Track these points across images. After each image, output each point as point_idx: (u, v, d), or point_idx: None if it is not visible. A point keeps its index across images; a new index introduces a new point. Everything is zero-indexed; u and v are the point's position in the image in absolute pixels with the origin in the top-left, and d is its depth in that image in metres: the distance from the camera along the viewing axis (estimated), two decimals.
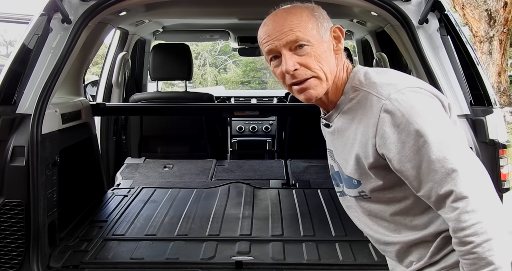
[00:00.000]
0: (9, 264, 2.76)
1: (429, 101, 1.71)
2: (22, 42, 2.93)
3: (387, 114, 1.67)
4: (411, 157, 1.65)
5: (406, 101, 1.66)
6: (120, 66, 5.16)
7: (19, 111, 2.83)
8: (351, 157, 1.82)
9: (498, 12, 14.53)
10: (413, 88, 1.71)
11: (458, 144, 1.65)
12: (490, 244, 1.54)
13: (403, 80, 1.76)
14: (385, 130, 1.68)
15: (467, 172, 1.60)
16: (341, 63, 1.87)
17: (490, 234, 1.54)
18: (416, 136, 1.63)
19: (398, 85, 1.72)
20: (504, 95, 14.81)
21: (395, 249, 1.87)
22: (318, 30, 1.80)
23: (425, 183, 1.64)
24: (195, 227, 3.47)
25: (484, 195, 1.59)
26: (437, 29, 2.96)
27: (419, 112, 1.65)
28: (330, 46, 1.83)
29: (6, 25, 17.62)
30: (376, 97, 1.72)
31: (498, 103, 2.91)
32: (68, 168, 3.55)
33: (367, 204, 1.88)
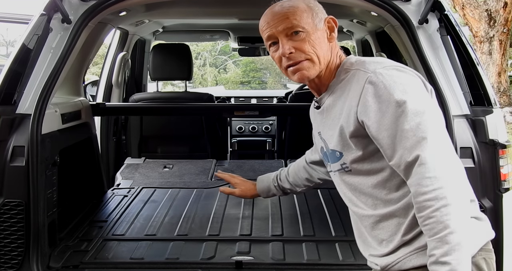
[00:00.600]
0: (9, 264, 2.76)
1: (412, 79, 1.86)
2: (22, 42, 2.93)
3: (370, 85, 1.83)
4: (388, 125, 1.78)
5: (390, 75, 1.83)
6: (120, 66, 5.16)
7: (19, 111, 2.83)
8: (336, 129, 1.97)
9: (498, 12, 14.54)
10: (398, 67, 1.87)
11: (433, 117, 1.78)
12: (448, 209, 1.64)
13: (392, 62, 1.92)
14: (367, 99, 1.83)
15: (437, 142, 1.73)
16: (335, 50, 2.06)
17: (449, 200, 1.65)
18: (396, 106, 1.77)
19: (385, 63, 1.89)
20: (504, 95, 14.81)
21: (369, 223, 1.99)
22: (313, 19, 1.99)
23: (397, 151, 1.77)
24: (195, 227, 3.47)
25: (448, 165, 1.71)
26: (437, 29, 2.96)
27: (400, 85, 1.80)
28: (324, 34, 2.02)
29: (7, 25, 17.62)
30: (363, 71, 1.89)
31: (498, 104, 2.91)
32: (68, 168, 3.55)
33: (348, 177, 2.02)
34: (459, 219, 1.65)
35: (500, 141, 2.74)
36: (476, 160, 2.74)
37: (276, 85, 25.96)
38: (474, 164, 2.73)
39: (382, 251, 1.96)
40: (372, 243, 2.03)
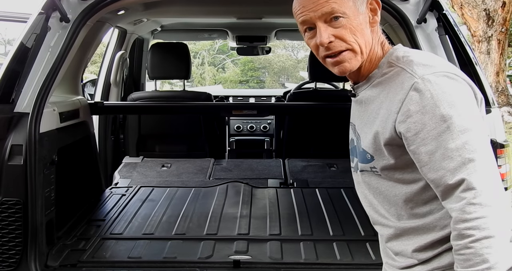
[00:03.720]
0: (6, 263, 2.76)
1: (463, 89, 1.65)
2: (21, 41, 2.93)
3: (416, 92, 1.63)
4: (428, 141, 1.60)
5: (439, 84, 1.62)
6: (118, 65, 5.16)
7: (17, 110, 2.83)
8: (371, 131, 1.78)
9: (497, 11, 14.54)
10: (449, 74, 1.66)
11: (480, 136, 1.59)
12: (490, 241, 1.48)
13: (442, 65, 1.71)
14: (409, 108, 1.63)
15: (484, 165, 1.55)
16: (377, 37, 1.83)
17: (492, 231, 1.49)
18: (440, 120, 1.58)
19: (435, 67, 1.67)
20: (502, 95, 14.82)
21: (388, 233, 1.84)
22: (354, 2, 1.75)
23: (437, 170, 1.59)
24: (193, 226, 3.47)
25: (496, 192, 1.54)
26: (436, 29, 2.97)
27: (449, 97, 1.60)
28: (366, 18, 1.77)
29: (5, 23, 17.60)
30: (409, 74, 1.67)
31: (496, 103, 2.91)
32: (66, 166, 3.55)
33: (376, 180, 1.84)
34: (500, 254, 1.49)
35: (498, 140, 2.74)
36: None
37: (274, 84, 26.01)
38: None
39: (398, 264, 1.84)
40: (389, 253, 1.91)
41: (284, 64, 27.71)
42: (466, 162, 1.55)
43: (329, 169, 4.90)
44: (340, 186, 4.32)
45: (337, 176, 4.72)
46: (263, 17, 4.84)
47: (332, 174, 4.78)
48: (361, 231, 3.32)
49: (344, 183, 4.40)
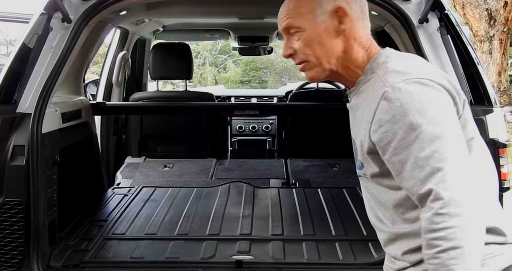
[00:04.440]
0: (9, 263, 2.76)
1: (436, 95, 1.62)
2: (22, 42, 2.93)
3: (386, 101, 1.62)
4: (399, 150, 1.60)
5: (409, 92, 1.60)
6: (120, 66, 5.16)
7: (19, 110, 2.83)
8: (358, 138, 1.80)
9: (499, 11, 14.52)
10: (422, 80, 1.62)
11: (452, 144, 1.56)
12: (457, 252, 1.47)
13: (418, 70, 1.67)
14: (380, 118, 1.63)
15: (454, 174, 1.52)
16: (352, 44, 1.81)
17: (459, 242, 1.47)
18: (410, 129, 1.57)
19: (408, 74, 1.64)
20: (504, 94, 14.80)
21: (384, 237, 1.84)
22: (313, 13, 1.78)
23: (409, 180, 1.59)
24: (195, 226, 3.47)
25: (465, 201, 1.50)
26: (437, 29, 2.96)
27: (419, 105, 1.58)
28: (330, 28, 1.78)
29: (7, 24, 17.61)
30: (382, 83, 1.66)
31: (498, 103, 2.91)
32: (68, 167, 3.55)
33: (372, 185, 1.84)
34: (468, 265, 1.47)
35: (501, 140, 2.74)
36: None
37: (277, 84, 25.99)
38: None
39: (395, 266, 1.84)
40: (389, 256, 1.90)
41: (286, 64, 27.69)
42: (435, 171, 1.53)
43: (331, 169, 4.90)
44: (342, 186, 4.32)
45: (339, 176, 4.72)
46: (265, 17, 4.84)
47: (334, 174, 4.78)
48: (364, 231, 3.32)
49: (346, 183, 4.40)
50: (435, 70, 1.74)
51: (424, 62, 1.80)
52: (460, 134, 1.62)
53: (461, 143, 1.60)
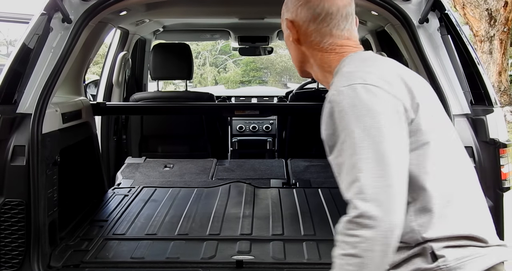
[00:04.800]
0: (9, 264, 2.76)
1: (377, 102, 1.60)
2: (23, 42, 2.93)
3: (330, 105, 1.65)
4: (335, 153, 1.64)
5: (350, 97, 1.60)
6: (120, 66, 5.16)
7: (19, 110, 2.83)
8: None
9: (499, 11, 14.52)
10: (367, 86, 1.62)
11: (382, 155, 1.55)
12: (356, 261, 1.53)
13: (366, 76, 1.66)
14: (324, 120, 1.68)
15: (375, 186, 1.53)
16: (309, 51, 1.90)
17: (361, 253, 1.52)
18: (344, 135, 1.59)
19: (355, 79, 1.65)
20: (504, 94, 14.80)
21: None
22: (282, 21, 1.97)
23: (340, 183, 1.62)
24: (195, 226, 3.47)
25: (382, 216, 1.51)
26: (438, 29, 2.96)
27: (357, 111, 1.58)
28: (288, 36, 1.94)
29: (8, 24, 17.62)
30: (333, 86, 1.69)
31: (498, 103, 2.91)
32: (69, 167, 3.55)
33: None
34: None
35: (501, 140, 2.74)
36: (477, 159, 2.74)
37: (277, 84, 25.98)
38: (474, 163, 2.74)
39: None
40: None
41: (286, 64, 27.68)
42: (354, 181, 1.54)
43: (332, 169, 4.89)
44: None
45: None
46: (265, 17, 4.84)
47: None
48: None
49: None
50: (390, 76, 1.70)
51: (382, 67, 1.76)
52: (397, 145, 1.59)
53: (396, 155, 1.57)
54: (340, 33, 1.87)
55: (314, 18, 1.87)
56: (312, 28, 1.87)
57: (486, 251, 1.70)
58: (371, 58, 1.84)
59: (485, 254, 1.70)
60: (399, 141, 1.60)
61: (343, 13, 1.88)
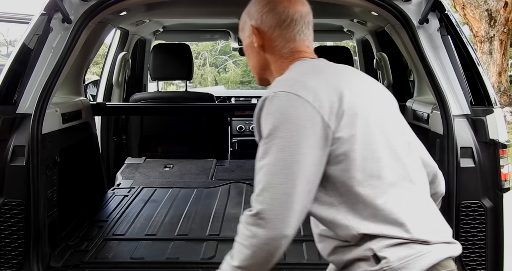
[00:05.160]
0: (9, 264, 2.76)
1: (293, 112, 1.66)
2: (23, 42, 2.93)
3: (258, 109, 1.73)
4: (259, 151, 1.73)
5: (274, 105, 1.68)
6: (120, 66, 5.16)
7: (19, 111, 2.83)
8: None
9: (499, 12, 14.53)
10: (290, 95, 1.68)
11: (287, 164, 1.64)
12: (242, 250, 1.76)
13: (298, 83, 1.73)
14: (254, 121, 1.77)
15: (273, 192, 1.63)
16: (271, 57, 1.95)
17: (249, 246, 1.73)
18: (262, 140, 1.70)
19: (283, 87, 1.72)
20: (504, 95, 14.81)
21: (315, 240, 1.98)
22: (244, 29, 2.00)
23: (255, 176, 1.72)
24: (195, 226, 3.47)
25: (273, 221, 1.65)
26: (438, 29, 2.96)
27: (274, 119, 1.66)
28: (251, 43, 1.97)
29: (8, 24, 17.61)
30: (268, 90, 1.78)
31: (498, 103, 2.91)
32: (69, 167, 3.55)
33: None
34: (242, 263, 1.75)
35: (501, 140, 2.74)
36: (477, 160, 2.74)
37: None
38: (474, 163, 2.73)
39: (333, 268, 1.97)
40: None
41: None
42: (258, 183, 1.66)
43: None
44: None
45: None
46: None
47: None
48: None
49: None
50: (324, 87, 1.73)
51: (320, 77, 1.79)
52: (307, 158, 1.64)
53: (303, 167, 1.63)
54: (303, 39, 1.95)
55: (280, 24, 1.93)
56: (277, 33, 1.93)
57: (430, 248, 1.73)
58: (316, 67, 1.88)
59: (429, 251, 1.72)
60: (310, 154, 1.65)
61: (306, 20, 1.95)
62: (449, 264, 1.76)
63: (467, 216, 2.71)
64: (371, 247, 1.71)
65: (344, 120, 1.69)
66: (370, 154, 1.72)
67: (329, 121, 1.67)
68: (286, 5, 1.92)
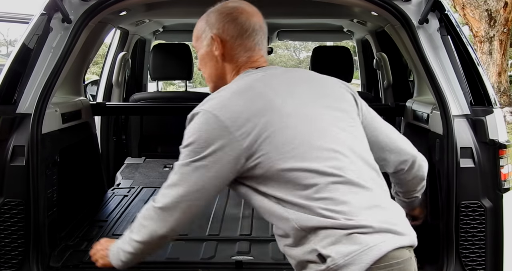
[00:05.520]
0: (9, 264, 2.76)
1: (203, 128, 1.86)
2: (22, 42, 2.93)
3: (188, 121, 1.96)
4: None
5: (193, 120, 1.91)
6: (120, 66, 5.16)
7: (19, 111, 2.83)
8: None
9: (499, 12, 14.54)
10: (206, 113, 1.86)
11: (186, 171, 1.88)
12: (137, 226, 2.02)
13: (218, 102, 1.86)
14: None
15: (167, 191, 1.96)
16: (227, 66, 2.04)
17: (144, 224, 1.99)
18: (181, 148, 1.93)
19: (205, 104, 1.89)
20: (504, 95, 14.81)
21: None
22: (201, 37, 2.07)
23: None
24: (195, 227, 3.47)
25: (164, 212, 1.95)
26: (437, 29, 2.96)
27: (189, 133, 1.91)
28: (210, 52, 2.04)
29: (8, 24, 17.65)
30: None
31: (498, 103, 2.91)
32: (68, 167, 3.55)
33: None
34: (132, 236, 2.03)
35: (500, 140, 2.74)
36: (476, 160, 2.74)
37: None
38: (474, 164, 2.73)
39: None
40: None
41: (286, 65, 27.72)
42: (167, 185, 1.96)
43: None
44: None
45: None
46: (265, 17, 4.83)
47: None
48: None
49: None
50: (249, 106, 1.84)
51: (248, 95, 1.89)
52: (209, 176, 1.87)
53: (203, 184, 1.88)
54: (260, 48, 2.05)
55: (242, 33, 2.01)
56: (239, 43, 2.02)
57: (374, 240, 1.75)
58: (252, 82, 1.95)
59: (374, 244, 1.74)
60: (213, 173, 1.86)
61: (264, 31, 2.06)
62: (401, 254, 1.78)
63: (467, 216, 2.71)
64: (315, 248, 1.76)
65: (260, 138, 1.80)
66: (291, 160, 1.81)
67: (243, 141, 1.80)
68: (247, 16, 2.02)
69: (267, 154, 1.80)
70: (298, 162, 1.80)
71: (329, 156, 1.83)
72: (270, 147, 1.80)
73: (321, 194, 1.77)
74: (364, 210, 1.79)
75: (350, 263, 1.72)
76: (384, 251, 1.74)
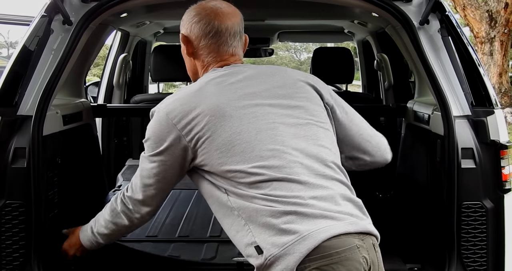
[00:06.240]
0: (10, 266, 2.76)
1: (155, 126, 2.10)
2: (23, 44, 2.93)
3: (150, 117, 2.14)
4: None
5: (152, 118, 2.13)
6: (121, 68, 5.16)
7: (20, 112, 2.83)
8: None
9: (499, 13, 14.54)
10: (159, 112, 2.10)
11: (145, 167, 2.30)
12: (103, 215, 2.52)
13: (174, 101, 2.09)
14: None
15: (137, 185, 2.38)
16: (198, 64, 2.25)
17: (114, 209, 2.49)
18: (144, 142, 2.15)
19: (162, 104, 2.13)
20: (505, 96, 14.81)
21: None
22: (180, 37, 2.24)
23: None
24: (196, 228, 3.47)
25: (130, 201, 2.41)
26: (438, 30, 2.96)
27: (147, 131, 2.13)
28: (184, 50, 2.25)
29: (8, 26, 17.66)
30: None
31: (499, 104, 2.91)
32: (69, 169, 3.55)
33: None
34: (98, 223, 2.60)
35: (502, 141, 2.74)
36: (477, 161, 2.74)
37: None
38: (475, 164, 2.73)
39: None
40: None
41: (287, 66, 27.71)
42: (134, 178, 2.39)
43: None
44: None
45: None
46: (265, 19, 4.84)
47: None
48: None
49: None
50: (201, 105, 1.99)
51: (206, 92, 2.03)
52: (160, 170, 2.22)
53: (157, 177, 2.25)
54: (227, 49, 2.14)
55: (205, 34, 2.13)
56: (203, 43, 2.15)
57: (310, 229, 1.75)
58: (209, 82, 2.07)
59: (308, 234, 1.74)
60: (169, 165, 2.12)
61: (231, 32, 2.13)
62: (344, 242, 1.76)
63: (468, 217, 2.71)
64: (254, 240, 1.80)
65: (202, 138, 1.95)
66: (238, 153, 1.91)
67: (189, 140, 1.98)
68: (212, 18, 2.11)
69: (209, 153, 1.91)
70: (238, 162, 1.87)
71: (269, 154, 1.87)
72: (211, 147, 1.90)
73: (261, 190, 1.83)
74: (304, 200, 1.81)
75: (285, 254, 1.73)
76: (318, 241, 1.73)
